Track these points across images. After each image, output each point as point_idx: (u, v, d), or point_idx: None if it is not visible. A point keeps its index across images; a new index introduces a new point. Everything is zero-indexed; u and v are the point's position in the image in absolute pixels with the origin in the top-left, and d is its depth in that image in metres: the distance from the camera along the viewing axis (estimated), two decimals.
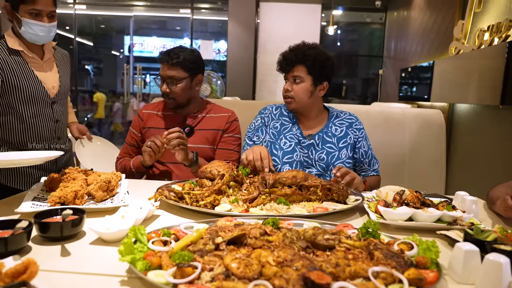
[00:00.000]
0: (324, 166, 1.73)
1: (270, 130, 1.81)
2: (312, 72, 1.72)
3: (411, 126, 2.36)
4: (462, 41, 3.59)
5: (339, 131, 1.79)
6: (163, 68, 1.82)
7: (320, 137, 1.77)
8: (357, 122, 1.83)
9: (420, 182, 2.29)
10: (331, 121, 1.82)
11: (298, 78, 1.73)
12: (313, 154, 1.75)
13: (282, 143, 1.77)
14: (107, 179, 1.27)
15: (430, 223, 1.12)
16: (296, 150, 1.75)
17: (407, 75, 5.30)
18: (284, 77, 1.80)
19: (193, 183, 1.44)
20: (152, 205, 1.19)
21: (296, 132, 1.79)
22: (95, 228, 0.96)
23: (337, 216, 1.25)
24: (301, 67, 1.72)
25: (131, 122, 2.03)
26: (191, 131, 1.91)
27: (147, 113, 1.96)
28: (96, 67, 10.68)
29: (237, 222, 1.01)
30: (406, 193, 1.31)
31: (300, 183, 1.34)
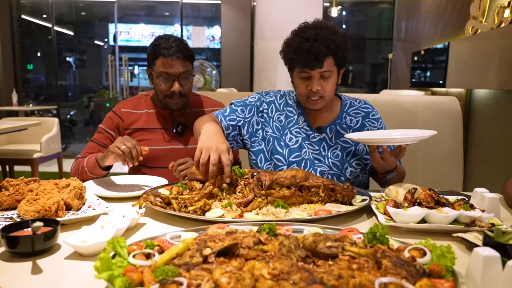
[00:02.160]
0: (338, 165, 1.67)
1: (274, 123, 1.73)
2: (338, 62, 1.61)
3: (424, 115, 2.34)
4: (480, 19, 3.55)
5: (354, 122, 1.72)
6: (173, 64, 1.75)
7: (333, 130, 1.70)
8: (374, 112, 1.76)
9: (434, 178, 2.27)
10: (345, 110, 1.74)
11: (327, 72, 1.58)
12: (325, 150, 1.68)
13: (287, 139, 1.70)
14: (79, 186, 1.25)
15: (445, 225, 1.10)
16: (304, 146, 1.68)
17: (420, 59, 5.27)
18: (301, 74, 1.61)
19: (182, 186, 1.43)
20: (137, 212, 1.18)
21: (303, 125, 1.71)
22: (71, 241, 0.94)
23: (342, 219, 1.24)
24: (330, 60, 1.57)
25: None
26: (184, 130, 1.89)
27: (128, 112, 1.91)
28: (78, 59, 10.64)
29: (230, 230, 0.99)
30: (418, 191, 1.29)
31: (300, 184, 1.32)
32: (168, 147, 1.87)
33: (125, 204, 1.39)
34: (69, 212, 1.22)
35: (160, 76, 1.77)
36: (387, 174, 1.61)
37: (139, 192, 1.45)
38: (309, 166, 1.67)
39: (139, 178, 1.72)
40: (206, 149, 1.32)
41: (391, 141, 1.45)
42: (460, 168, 2.32)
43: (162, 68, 1.76)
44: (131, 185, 1.64)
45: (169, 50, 1.75)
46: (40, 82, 9.24)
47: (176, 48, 1.75)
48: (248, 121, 1.72)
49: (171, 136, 1.88)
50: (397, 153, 1.52)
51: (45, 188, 1.27)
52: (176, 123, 1.89)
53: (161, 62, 1.76)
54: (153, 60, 1.78)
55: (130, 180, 1.70)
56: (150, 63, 1.83)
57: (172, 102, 1.82)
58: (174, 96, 1.80)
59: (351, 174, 1.68)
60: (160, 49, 1.75)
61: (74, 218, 1.16)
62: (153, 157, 1.84)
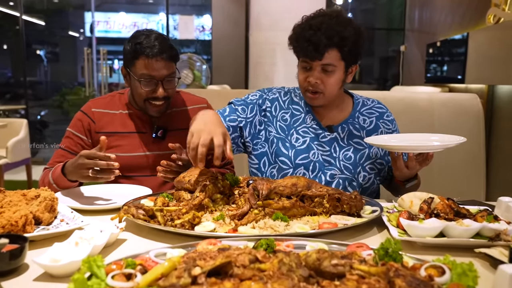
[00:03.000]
0: (350, 168, 1.68)
1: (278, 123, 1.75)
2: (346, 57, 1.62)
3: (441, 115, 2.35)
4: (503, 7, 3.57)
5: (368, 123, 1.75)
6: (157, 66, 1.72)
7: (345, 129, 1.73)
8: (388, 112, 1.81)
9: (453, 186, 2.28)
10: (358, 110, 1.78)
11: (330, 66, 1.61)
12: (336, 151, 1.70)
13: (294, 140, 1.71)
14: (51, 197, 1.24)
15: (467, 239, 1.10)
16: (312, 147, 1.70)
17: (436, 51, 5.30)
18: (302, 64, 1.66)
19: (168, 197, 1.42)
20: (116, 227, 1.17)
21: (311, 123, 1.73)
22: (40, 260, 0.94)
23: (349, 233, 1.24)
24: (334, 52, 1.59)
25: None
26: (165, 134, 1.88)
27: (99, 112, 1.88)
28: (50, 52, 10.62)
29: (223, 246, 0.99)
30: (435, 201, 1.29)
31: (301, 193, 1.32)
32: (147, 153, 1.85)
33: (103, 217, 1.38)
34: (38, 227, 1.21)
35: (142, 79, 1.74)
36: (407, 182, 1.63)
37: (119, 204, 1.44)
38: (318, 169, 1.68)
39: (119, 188, 1.72)
40: (198, 131, 1.34)
41: (420, 148, 1.48)
42: (482, 174, 2.32)
43: (144, 70, 1.73)
44: (109, 195, 1.63)
45: (152, 50, 1.71)
46: (5, 79, 9.20)
47: (160, 47, 1.72)
48: (250, 121, 1.74)
49: (150, 141, 1.87)
50: (423, 161, 1.54)
51: (11, 199, 1.25)
52: (156, 127, 1.87)
53: (143, 64, 1.73)
54: (133, 60, 1.75)
55: (109, 190, 1.70)
56: (128, 62, 1.78)
57: (152, 109, 1.80)
58: (157, 100, 1.78)
59: (364, 179, 1.70)
60: (142, 48, 1.71)
61: (45, 234, 1.15)
62: (130, 165, 1.82)
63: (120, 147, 1.84)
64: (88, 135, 1.85)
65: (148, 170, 1.85)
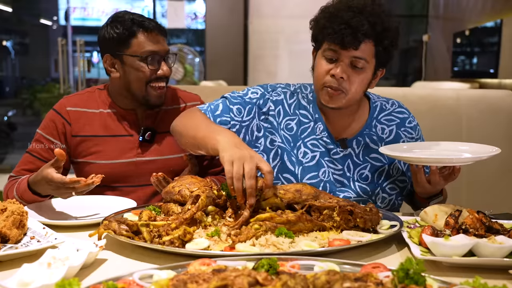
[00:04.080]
0: (367, 190, 1.66)
1: (282, 132, 1.70)
2: (379, 55, 1.58)
3: (470, 115, 2.35)
4: None
5: (387, 133, 1.72)
6: (158, 39, 1.80)
7: (360, 143, 1.69)
8: (410, 117, 1.77)
9: (484, 197, 2.28)
10: (375, 117, 1.74)
11: (362, 61, 1.54)
12: (350, 170, 1.67)
13: (301, 154, 1.68)
14: (20, 211, 1.24)
15: (500, 259, 1.10)
16: (323, 164, 1.66)
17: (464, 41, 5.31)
18: (327, 52, 1.58)
19: (155, 210, 1.42)
20: (95, 245, 1.16)
21: (322, 135, 1.68)
22: (7, 283, 0.93)
23: (364, 251, 1.24)
24: (369, 45, 1.54)
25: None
26: (153, 136, 1.87)
27: (76, 111, 1.86)
28: (18, 43, 10.64)
29: (218, 266, 0.99)
30: (463, 214, 1.29)
31: (307, 203, 1.32)
32: (134, 159, 1.85)
33: (79, 234, 1.37)
34: (5, 245, 1.20)
35: (147, 56, 1.77)
36: (430, 199, 1.62)
37: (99, 218, 1.44)
38: (329, 190, 1.64)
39: (99, 200, 1.72)
40: (239, 159, 1.30)
41: (443, 161, 1.47)
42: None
43: (147, 46, 1.77)
44: (88, 208, 1.63)
45: (150, 23, 1.78)
46: None
47: (153, 21, 1.80)
48: (246, 126, 1.69)
49: (137, 145, 1.86)
50: (448, 175, 1.52)
51: None
52: (144, 129, 1.86)
53: (144, 39, 1.77)
54: (128, 40, 1.77)
55: (87, 202, 1.70)
56: (119, 46, 1.79)
57: (155, 93, 1.81)
58: (160, 81, 1.81)
59: (383, 201, 1.68)
60: (138, 23, 1.76)
61: (12, 254, 1.14)
62: (113, 174, 1.82)
63: (101, 153, 1.84)
64: (63, 139, 1.83)
65: (134, 179, 1.84)
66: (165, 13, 8.17)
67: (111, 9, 10.35)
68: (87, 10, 10.37)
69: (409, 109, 1.82)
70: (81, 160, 1.85)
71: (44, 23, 10.71)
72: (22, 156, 1.84)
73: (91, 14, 10.36)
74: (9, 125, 8.70)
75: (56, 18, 10.53)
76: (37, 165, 1.75)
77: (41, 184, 1.54)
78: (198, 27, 9.47)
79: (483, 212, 1.30)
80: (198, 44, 9.27)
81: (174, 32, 9.53)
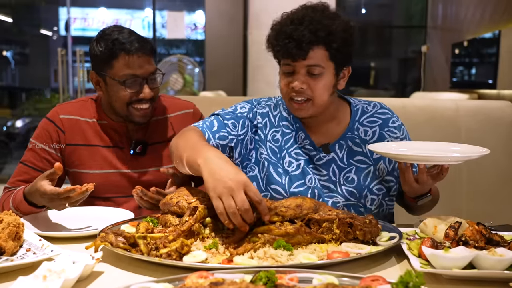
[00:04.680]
0: (355, 193, 1.67)
1: (268, 144, 1.72)
2: (334, 57, 1.60)
3: (469, 126, 2.35)
4: None
5: (370, 134, 1.73)
6: (141, 62, 1.74)
7: (343, 146, 1.70)
8: (394, 117, 1.77)
9: (484, 208, 2.28)
10: (357, 120, 1.75)
11: (317, 68, 1.58)
12: (336, 175, 1.68)
13: (286, 164, 1.69)
14: (16, 223, 1.24)
15: (500, 271, 1.09)
16: (308, 171, 1.68)
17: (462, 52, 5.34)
18: (284, 67, 1.63)
19: (153, 222, 1.42)
20: (92, 257, 1.16)
21: (304, 143, 1.70)
22: None
23: (363, 264, 1.23)
24: (320, 51, 1.57)
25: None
26: (145, 149, 1.86)
27: (69, 119, 1.85)
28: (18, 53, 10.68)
29: (215, 279, 0.98)
30: (463, 226, 1.29)
31: (307, 216, 1.32)
32: (124, 171, 1.84)
33: (76, 246, 1.37)
34: (1, 257, 1.20)
35: (126, 79, 1.74)
36: (418, 199, 1.61)
37: (95, 230, 1.43)
38: (317, 196, 1.65)
39: (95, 211, 1.71)
40: (226, 191, 1.25)
41: (432, 159, 1.47)
42: None
43: (126, 69, 1.73)
44: (84, 220, 1.63)
45: (132, 44, 1.72)
46: None
47: (138, 42, 1.73)
48: (241, 140, 1.70)
49: (129, 157, 1.85)
50: (436, 174, 1.52)
51: None
52: (134, 142, 1.85)
53: (125, 62, 1.73)
54: (110, 61, 1.74)
55: (83, 214, 1.69)
56: (103, 66, 1.77)
57: (137, 114, 1.78)
58: (142, 103, 1.77)
59: (372, 203, 1.68)
60: (120, 45, 1.72)
61: (8, 266, 1.14)
62: (105, 184, 1.82)
63: (94, 163, 1.83)
64: (57, 148, 1.83)
65: (126, 190, 1.83)
66: (165, 23, 8.22)
67: (111, 19, 10.41)
68: (87, 20, 10.42)
69: (407, 121, 1.82)
70: (74, 169, 1.84)
71: (44, 34, 10.76)
72: (17, 166, 1.83)
73: (91, 25, 10.40)
74: (8, 135, 8.70)
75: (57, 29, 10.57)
76: (32, 175, 1.75)
77: (35, 195, 1.53)
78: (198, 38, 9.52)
79: (483, 223, 1.29)
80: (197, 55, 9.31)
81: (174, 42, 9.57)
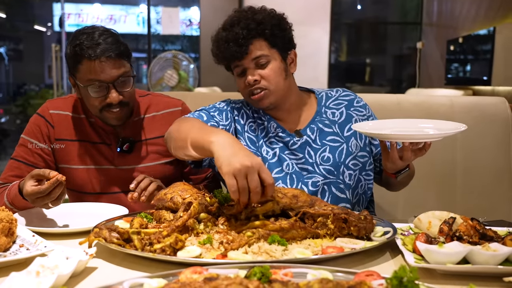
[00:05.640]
0: (332, 170, 1.72)
1: (246, 134, 1.78)
2: (275, 43, 1.71)
3: (464, 122, 2.30)
4: None
5: (338, 115, 1.82)
6: (104, 67, 1.68)
7: (313, 129, 1.78)
8: (357, 98, 1.88)
9: (478, 204, 2.28)
10: (323, 105, 1.85)
11: (262, 58, 1.68)
12: (312, 156, 1.74)
13: (264, 152, 1.75)
14: (9, 218, 1.23)
15: (494, 266, 1.09)
16: (284, 158, 1.74)
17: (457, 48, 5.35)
18: (235, 70, 1.73)
19: (147, 217, 1.42)
20: (85, 253, 1.16)
21: (277, 131, 1.77)
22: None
23: (357, 259, 1.23)
24: (258, 42, 1.68)
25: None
26: (132, 146, 1.85)
27: (58, 114, 1.84)
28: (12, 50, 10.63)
29: (209, 275, 0.98)
30: (457, 221, 1.29)
31: (302, 210, 1.32)
32: (112, 167, 1.84)
33: (69, 242, 1.37)
34: None
35: (90, 85, 1.70)
36: (398, 174, 1.68)
37: (89, 226, 1.43)
38: (297, 180, 1.71)
39: (89, 207, 1.71)
40: (242, 171, 1.25)
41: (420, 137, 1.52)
42: (511, 190, 2.32)
43: (90, 75, 1.69)
44: (78, 215, 1.62)
45: (95, 50, 1.66)
46: None
47: (105, 45, 1.68)
48: (228, 130, 1.76)
49: (116, 155, 1.84)
50: (419, 150, 1.57)
51: None
52: (121, 140, 1.83)
53: (88, 67, 1.68)
54: (76, 65, 1.71)
55: (77, 210, 1.69)
56: (72, 69, 1.75)
57: (110, 117, 1.75)
58: (112, 107, 1.73)
59: (350, 178, 1.74)
60: (82, 50, 1.66)
61: (1, 262, 1.13)
62: (93, 180, 1.82)
63: (82, 159, 1.83)
64: (48, 143, 1.82)
65: (113, 187, 1.84)
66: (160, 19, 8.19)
67: (106, 15, 10.38)
68: (81, 16, 10.37)
69: (403, 116, 1.86)
70: (63, 165, 1.83)
71: (38, 29, 10.71)
72: (8, 163, 1.82)
73: (85, 21, 10.36)
74: (2, 131, 8.67)
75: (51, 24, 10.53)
76: (24, 170, 1.75)
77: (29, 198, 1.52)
78: (193, 34, 9.50)
79: (477, 219, 1.30)
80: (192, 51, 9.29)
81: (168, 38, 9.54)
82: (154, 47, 9.34)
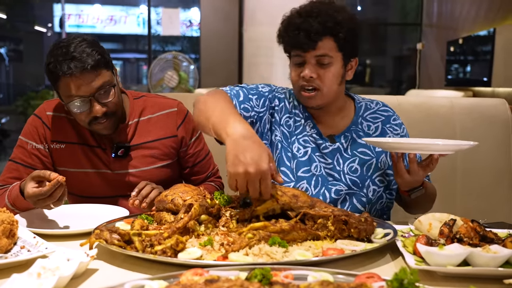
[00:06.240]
0: (358, 182, 1.71)
1: (281, 128, 1.77)
2: (342, 47, 1.67)
3: (464, 123, 2.35)
4: None
5: (373, 129, 1.79)
6: (81, 83, 1.63)
7: (348, 138, 1.76)
8: (395, 116, 1.84)
9: (479, 205, 2.28)
10: (360, 115, 1.82)
11: (326, 57, 1.64)
12: (340, 164, 1.73)
13: (295, 149, 1.74)
14: (10, 220, 1.23)
15: (494, 268, 1.09)
16: (314, 159, 1.73)
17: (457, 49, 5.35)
18: (294, 59, 1.69)
19: (148, 219, 1.41)
20: (86, 254, 1.16)
21: (311, 132, 1.76)
22: None
23: (358, 261, 1.23)
24: (328, 41, 1.63)
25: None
26: (127, 151, 1.83)
27: (56, 116, 1.83)
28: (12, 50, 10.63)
29: (210, 277, 0.98)
30: (458, 223, 1.29)
31: (303, 211, 1.32)
32: (108, 171, 1.83)
33: (70, 243, 1.37)
34: None
35: (71, 101, 1.67)
36: (411, 192, 1.65)
37: (90, 227, 1.43)
38: (321, 184, 1.70)
39: (90, 208, 1.71)
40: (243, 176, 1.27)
41: (419, 147, 1.51)
42: (511, 192, 2.32)
43: (69, 91, 1.65)
44: (79, 217, 1.62)
45: (69, 65, 1.60)
46: None
47: (79, 59, 1.62)
48: (260, 118, 1.75)
49: (110, 158, 1.83)
50: (426, 165, 1.56)
51: None
52: (116, 146, 1.81)
53: (65, 84, 1.65)
54: (55, 83, 1.68)
55: (78, 211, 1.69)
56: (53, 86, 1.72)
57: (99, 128, 1.73)
58: (99, 119, 1.70)
59: (373, 193, 1.73)
60: (56, 68, 1.62)
61: (2, 264, 1.13)
62: (88, 183, 1.82)
63: (77, 162, 1.81)
64: (45, 144, 1.81)
65: (109, 191, 1.83)
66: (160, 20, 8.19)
67: (106, 16, 10.39)
68: (82, 17, 10.39)
69: (403, 117, 1.86)
70: (62, 168, 1.82)
71: (38, 30, 10.72)
72: (6, 165, 1.82)
73: (86, 21, 10.38)
74: (2, 132, 8.67)
75: (51, 25, 10.54)
76: (22, 172, 1.75)
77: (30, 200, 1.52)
78: (193, 35, 9.51)
79: (477, 221, 1.29)
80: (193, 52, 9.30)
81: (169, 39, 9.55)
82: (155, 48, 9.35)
